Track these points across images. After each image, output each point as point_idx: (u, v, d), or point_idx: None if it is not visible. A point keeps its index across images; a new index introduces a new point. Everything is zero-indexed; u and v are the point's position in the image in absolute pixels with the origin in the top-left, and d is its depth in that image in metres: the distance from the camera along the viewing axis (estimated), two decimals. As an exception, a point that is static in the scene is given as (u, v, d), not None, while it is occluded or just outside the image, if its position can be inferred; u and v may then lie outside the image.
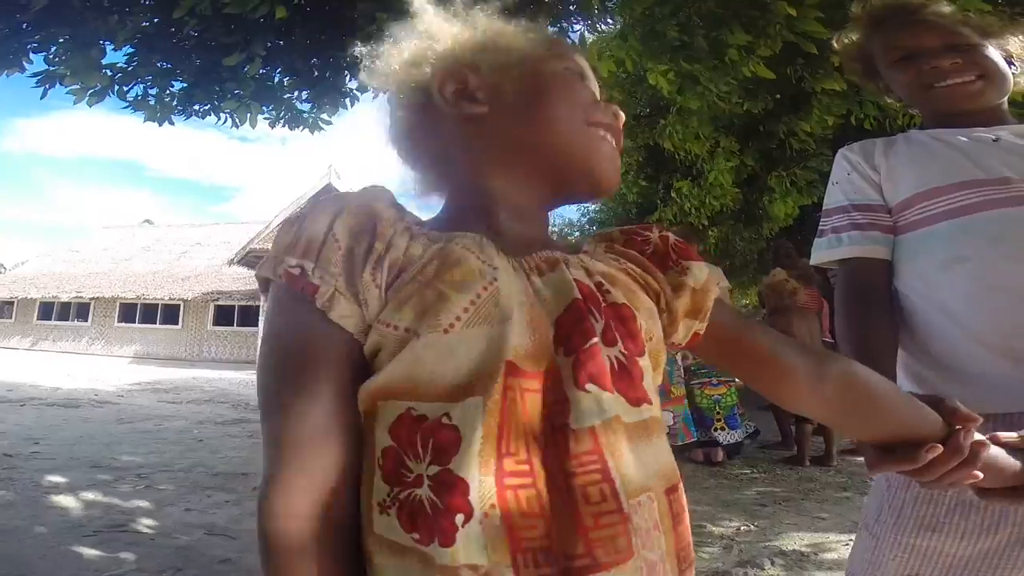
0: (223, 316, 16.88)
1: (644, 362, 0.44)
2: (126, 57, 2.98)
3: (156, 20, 2.73)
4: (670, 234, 0.53)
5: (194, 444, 4.42)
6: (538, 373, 0.40)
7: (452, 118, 0.49)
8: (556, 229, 9.71)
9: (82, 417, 5.36)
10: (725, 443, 3.81)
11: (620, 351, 0.43)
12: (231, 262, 14.71)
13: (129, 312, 17.37)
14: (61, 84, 2.84)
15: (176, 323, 17.05)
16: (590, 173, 0.49)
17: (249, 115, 3.37)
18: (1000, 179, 0.79)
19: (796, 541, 2.40)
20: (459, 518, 0.36)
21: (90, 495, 3.01)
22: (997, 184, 0.79)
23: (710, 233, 6.20)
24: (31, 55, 2.80)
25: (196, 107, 3.32)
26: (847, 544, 2.29)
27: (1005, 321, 0.76)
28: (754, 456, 4.04)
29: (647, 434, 0.43)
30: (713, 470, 3.67)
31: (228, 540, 2.48)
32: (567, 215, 12.63)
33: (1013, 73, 0.89)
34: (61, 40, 2.77)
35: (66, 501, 2.89)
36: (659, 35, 2.48)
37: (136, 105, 3.11)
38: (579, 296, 0.42)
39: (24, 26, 2.71)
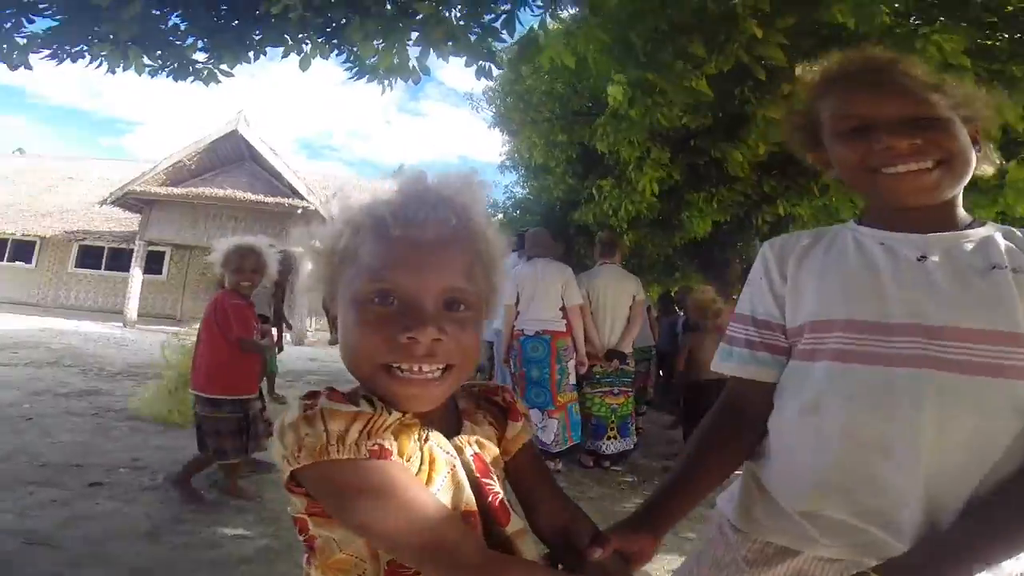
0: (89, 258, 14.87)
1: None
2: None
3: None
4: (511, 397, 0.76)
5: (21, 424, 3.73)
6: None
7: None
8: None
9: None
10: (613, 452, 3.84)
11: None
12: (103, 202, 12.92)
13: (-31, 246, 14.82)
14: None
15: (29, 262, 14.78)
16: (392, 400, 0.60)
17: (123, 62, 2.79)
18: (886, 327, 0.72)
19: (662, 565, 2.19)
20: None
21: None
22: (881, 333, 0.72)
23: (626, 236, 6.27)
24: None
25: (64, 48, 2.69)
26: None
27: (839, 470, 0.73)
28: (636, 462, 4.10)
29: None
30: (598, 477, 3.69)
31: (52, 551, 2.09)
32: (492, 196, 12.46)
33: (976, 154, 0.77)
34: None
35: None
36: (628, 43, 2.29)
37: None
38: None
39: None
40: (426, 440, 0.60)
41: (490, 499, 0.63)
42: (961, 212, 0.79)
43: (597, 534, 0.74)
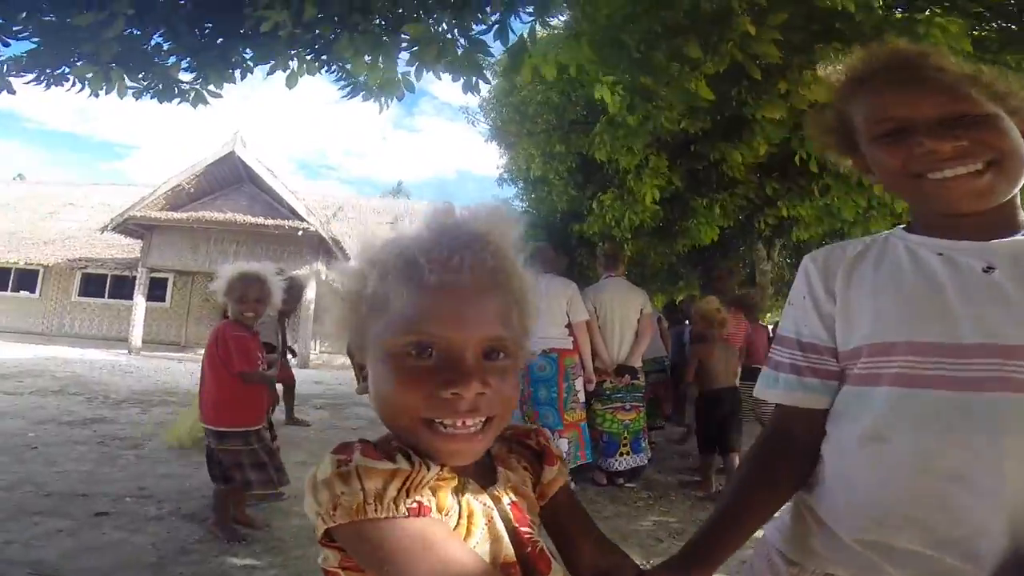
0: (92, 286, 14.91)
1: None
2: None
3: None
4: (544, 440, 0.73)
5: (25, 453, 3.69)
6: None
7: None
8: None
9: None
10: (626, 468, 3.76)
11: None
12: (104, 228, 12.97)
13: (-28, 277, 14.87)
14: None
15: (33, 291, 14.80)
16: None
17: (106, 84, 2.73)
18: (956, 348, 0.65)
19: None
20: None
21: None
22: (951, 355, 0.65)
23: (627, 246, 6.24)
24: None
25: (45, 71, 2.65)
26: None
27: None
28: (651, 477, 4.03)
29: None
30: (613, 495, 3.61)
31: (60, 583, 2.05)
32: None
33: None
34: None
35: None
36: (620, 44, 2.27)
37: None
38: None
39: None
40: (463, 493, 0.59)
41: (529, 549, 0.61)
42: (1021, 213, 0.72)
43: None
